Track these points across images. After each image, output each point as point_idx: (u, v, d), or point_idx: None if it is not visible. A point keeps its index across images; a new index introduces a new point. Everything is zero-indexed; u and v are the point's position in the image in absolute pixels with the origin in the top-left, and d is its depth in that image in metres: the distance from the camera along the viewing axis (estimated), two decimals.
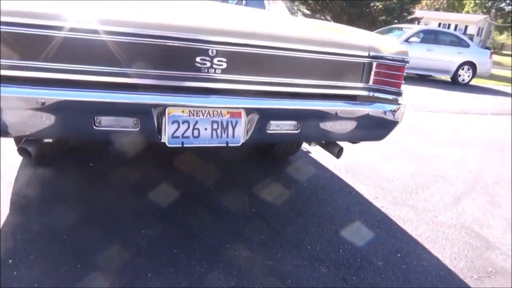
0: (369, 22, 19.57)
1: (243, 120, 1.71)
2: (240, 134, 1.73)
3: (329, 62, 1.80)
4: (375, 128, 1.93)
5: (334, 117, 1.82)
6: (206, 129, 1.68)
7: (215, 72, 1.59)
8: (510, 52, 43.59)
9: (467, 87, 10.21)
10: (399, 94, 1.89)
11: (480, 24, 41.06)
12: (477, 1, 44.57)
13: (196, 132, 1.67)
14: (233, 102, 1.67)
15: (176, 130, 1.64)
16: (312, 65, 1.78)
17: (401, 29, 11.47)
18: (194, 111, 1.64)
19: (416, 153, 3.76)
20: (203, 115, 1.66)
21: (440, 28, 14.68)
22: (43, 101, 1.42)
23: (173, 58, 1.56)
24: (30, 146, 1.62)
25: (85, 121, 1.53)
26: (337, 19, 19.60)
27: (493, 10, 37.89)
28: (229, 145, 1.72)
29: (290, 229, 2.10)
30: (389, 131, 1.96)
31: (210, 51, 1.56)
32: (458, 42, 10.89)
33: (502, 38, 55.01)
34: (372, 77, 1.87)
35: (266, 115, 1.74)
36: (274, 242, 1.97)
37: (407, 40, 10.27)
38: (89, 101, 1.49)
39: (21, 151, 1.61)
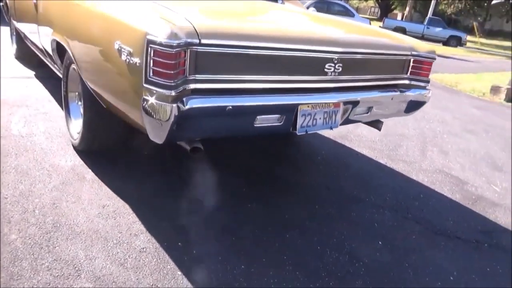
0: None
1: (341, 109, 2.23)
2: (338, 120, 2.25)
3: (388, 60, 2.43)
4: (412, 107, 2.63)
5: (390, 101, 2.48)
6: (320, 118, 2.16)
7: (335, 75, 2.08)
8: (365, 16, 49.29)
9: None
10: (428, 81, 2.61)
11: None
12: None
13: (314, 121, 2.14)
14: (340, 96, 2.18)
15: (303, 121, 2.09)
16: (379, 63, 2.38)
17: None
18: (315, 105, 2.10)
19: None
20: (319, 108, 2.13)
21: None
22: (230, 107, 1.74)
23: (310, 66, 2.00)
24: (199, 144, 1.88)
25: (250, 121, 1.88)
26: None
27: None
28: (332, 129, 2.24)
29: (343, 186, 2.74)
30: (419, 108, 2.69)
31: (334, 59, 2.03)
32: (345, 12, 12.39)
33: (355, 2, 61.92)
34: (410, 69, 2.54)
35: (354, 105, 2.29)
36: (334, 198, 2.58)
37: None
38: (258, 104, 1.86)
39: (194, 149, 1.86)
